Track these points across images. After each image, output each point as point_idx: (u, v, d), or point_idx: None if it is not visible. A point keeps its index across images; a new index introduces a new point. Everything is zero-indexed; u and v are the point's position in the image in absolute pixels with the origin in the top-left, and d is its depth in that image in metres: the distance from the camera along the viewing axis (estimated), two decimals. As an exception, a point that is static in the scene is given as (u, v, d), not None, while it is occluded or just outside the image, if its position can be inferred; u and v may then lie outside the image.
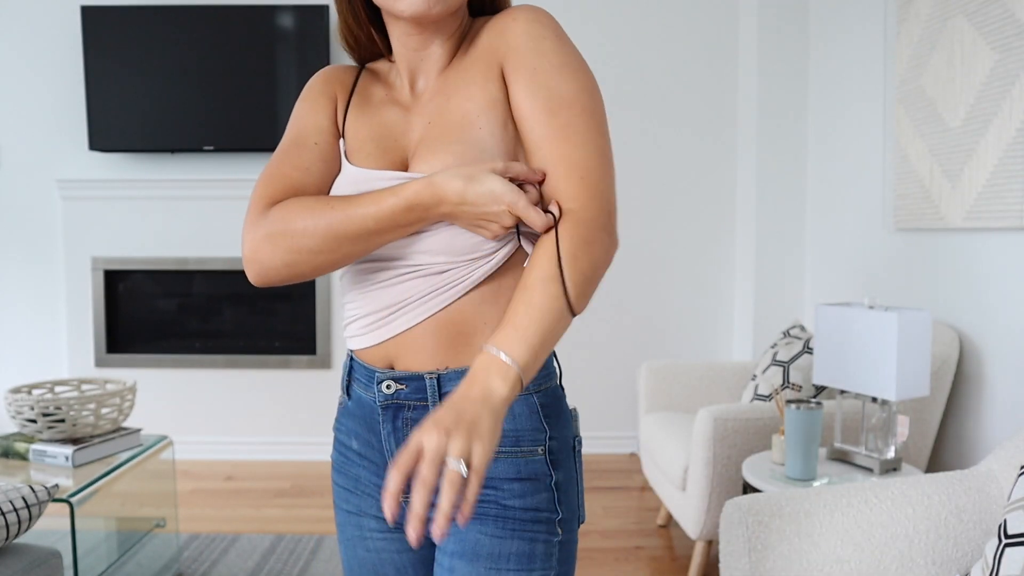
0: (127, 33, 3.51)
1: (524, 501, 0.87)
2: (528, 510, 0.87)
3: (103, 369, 3.70)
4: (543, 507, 0.88)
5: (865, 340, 1.91)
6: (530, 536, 0.87)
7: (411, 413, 0.89)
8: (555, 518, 0.89)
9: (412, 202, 0.80)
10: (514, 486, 0.87)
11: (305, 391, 3.72)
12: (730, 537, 1.39)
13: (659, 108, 3.65)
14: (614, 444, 3.77)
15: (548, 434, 0.89)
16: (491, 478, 0.87)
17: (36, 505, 1.58)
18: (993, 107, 2.10)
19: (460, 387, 0.74)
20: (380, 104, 0.94)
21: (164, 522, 2.44)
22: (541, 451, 0.88)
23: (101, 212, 3.65)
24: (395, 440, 0.91)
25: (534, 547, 0.87)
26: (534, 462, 0.88)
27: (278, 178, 0.88)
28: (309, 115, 0.94)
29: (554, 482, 0.89)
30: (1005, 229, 2.09)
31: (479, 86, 0.86)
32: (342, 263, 0.86)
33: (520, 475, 0.88)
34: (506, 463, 0.87)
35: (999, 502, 1.43)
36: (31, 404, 2.03)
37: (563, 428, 0.91)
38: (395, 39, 0.91)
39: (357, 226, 0.81)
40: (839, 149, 3.10)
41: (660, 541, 2.69)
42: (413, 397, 0.88)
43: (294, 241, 0.83)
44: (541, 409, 0.89)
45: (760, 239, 3.45)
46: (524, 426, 0.88)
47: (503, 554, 0.87)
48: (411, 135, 0.90)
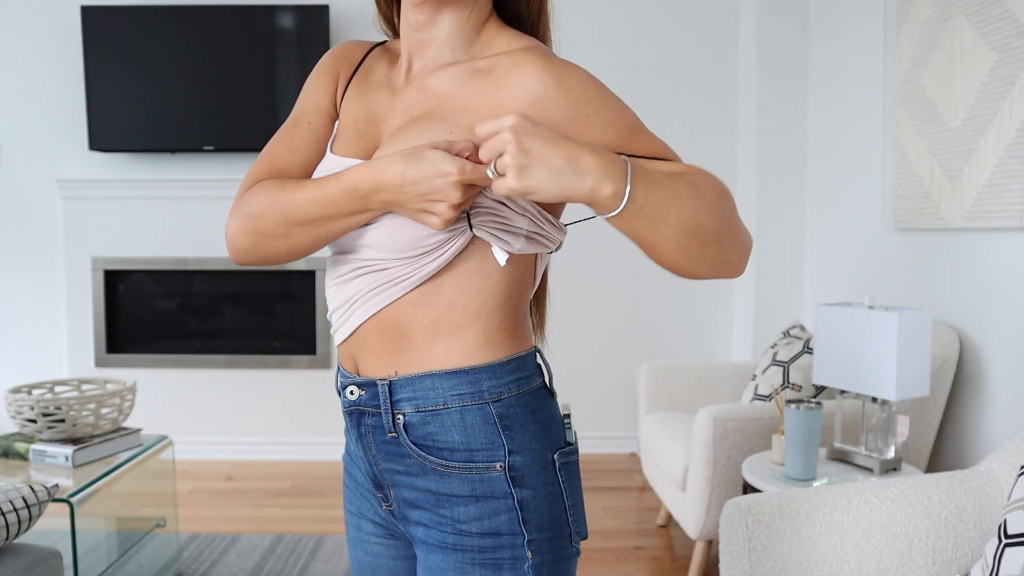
0: (127, 33, 3.51)
1: (481, 525, 0.81)
2: (486, 535, 0.81)
3: (103, 369, 3.70)
4: (503, 530, 0.81)
5: (865, 340, 1.91)
6: (492, 563, 0.81)
7: (370, 420, 0.86)
8: (520, 541, 0.81)
9: (351, 186, 0.76)
10: (470, 508, 0.81)
11: (305, 391, 3.72)
12: (730, 537, 1.39)
13: (659, 108, 3.65)
14: (614, 444, 3.77)
15: (507, 448, 0.81)
16: (447, 495, 0.82)
17: (36, 505, 1.58)
18: (993, 107, 2.10)
19: (578, 141, 0.69)
20: (375, 85, 0.90)
21: (164, 522, 2.44)
22: (500, 467, 0.81)
23: (101, 212, 3.65)
24: (362, 447, 0.88)
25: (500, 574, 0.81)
26: (491, 480, 0.81)
27: (267, 158, 0.87)
28: (310, 92, 0.91)
29: (517, 501, 0.81)
30: (1005, 229, 2.09)
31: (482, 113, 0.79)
32: (302, 250, 0.82)
33: (475, 493, 0.81)
34: (460, 480, 0.82)
35: (999, 502, 1.43)
36: (31, 404, 2.03)
37: (533, 441, 0.83)
38: (402, 16, 0.87)
39: (303, 211, 0.79)
40: (839, 149, 3.10)
41: (660, 541, 2.69)
42: (370, 404, 0.85)
43: (253, 223, 0.82)
44: (499, 420, 0.82)
45: (760, 239, 3.45)
46: (478, 440, 0.81)
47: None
48: (389, 122, 0.86)
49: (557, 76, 0.78)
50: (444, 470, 0.82)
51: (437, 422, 0.82)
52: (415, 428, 0.83)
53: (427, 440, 0.82)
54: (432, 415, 0.82)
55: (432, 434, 0.82)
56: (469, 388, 0.82)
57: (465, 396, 0.81)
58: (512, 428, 0.82)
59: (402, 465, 0.85)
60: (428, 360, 0.82)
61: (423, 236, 0.77)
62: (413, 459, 0.83)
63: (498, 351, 0.83)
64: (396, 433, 0.84)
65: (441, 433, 0.82)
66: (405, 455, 0.84)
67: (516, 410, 0.83)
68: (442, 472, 0.82)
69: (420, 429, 0.82)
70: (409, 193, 0.73)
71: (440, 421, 0.82)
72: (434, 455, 0.82)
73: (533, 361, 0.87)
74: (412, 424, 0.83)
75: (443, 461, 0.82)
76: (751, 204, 3.49)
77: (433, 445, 0.82)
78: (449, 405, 0.81)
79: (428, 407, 0.82)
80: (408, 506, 0.86)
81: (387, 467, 0.86)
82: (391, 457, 0.85)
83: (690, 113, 3.67)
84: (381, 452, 0.86)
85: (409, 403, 0.82)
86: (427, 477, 0.83)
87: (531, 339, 0.89)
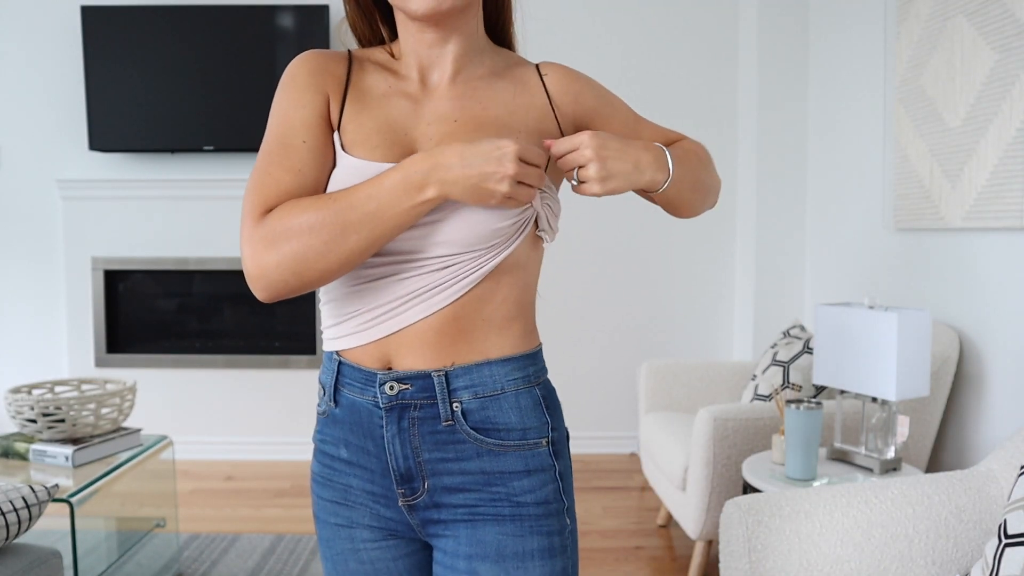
0: (127, 33, 3.51)
1: (535, 495, 0.90)
2: (540, 504, 0.90)
3: (103, 369, 3.70)
4: (552, 499, 0.91)
5: (865, 340, 1.91)
6: (547, 530, 0.90)
7: (417, 412, 0.88)
8: (563, 508, 0.92)
9: (407, 173, 0.79)
10: (524, 481, 0.90)
11: (305, 391, 3.72)
12: (730, 537, 1.39)
13: (659, 108, 3.65)
14: (614, 444, 3.77)
15: (551, 425, 0.92)
16: (500, 473, 0.89)
17: (36, 505, 1.58)
18: (993, 107, 2.10)
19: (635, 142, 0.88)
20: (384, 96, 0.90)
21: (164, 522, 2.44)
22: (545, 443, 0.91)
23: (101, 212, 3.65)
24: (399, 442, 0.89)
25: (552, 540, 0.90)
26: (539, 454, 0.91)
27: (270, 184, 0.83)
28: (294, 110, 0.87)
29: (558, 472, 0.92)
30: (1005, 229, 2.09)
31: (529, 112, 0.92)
32: (351, 260, 0.80)
33: (528, 468, 0.90)
34: (515, 457, 0.90)
35: (999, 502, 1.43)
36: (31, 404, 2.03)
37: (560, 419, 0.95)
38: (408, 34, 0.90)
39: (360, 211, 0.78)
40: (839, 149, 3.10)
41: (660, 541, 2.69)
42: (420, 396, 0.88)
43: (299, 241, 0.78)
44: (543, 401, 0.93)
45: (760, 239, 3.45)
46: (531, 420, 0.91)
47: (527, 552, 0.89)
48: (423, 128, 0.88)
49: (579, 75, 0.98)
50: (499, 450, 0.89)
51: (495, 406, 0.89)
52: (473, 414, 0.89)
53: (485, 424, 0.89)
54: (491, 400, 0.89)
55: (490, 418, 0.89)
56: (520, 373, 0.91)
57: (519, 380, 0.91)
58: (551, 408, 0.94)
59: (452, 452, 0.89)
60: (484, 350, 0.89)
61: (497, 226, 0.84)
62: (468, 444, 0.89)
63: (533, 340, 0.94)
64: (452, 421, 0.88)
65: (499, 416, 0.89)
66: (459, 441, 0.89)
67: (550, 392, 0.95)
68: (497, 452, 0.89)
69: (479, 414, 0.89)
70: (468, 168, 0.78)
71: (498, 405, 0.89)
72: (491, 437, 0.89)
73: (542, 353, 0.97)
74: (470, 410, 0.88)
75: (499, 441, 0.89)
76: (751, 204, 3.49)
77: (492, 428, 0.89)
78: (506, 390, 0.90)
79: (487, 393, 0.89)
80: (447, 492, 0.90)
81: (431, 457, 0.89)
82: (439, 446, 0.89)
83: (690, 114, 3.67)
84: (427, 443, 0.89)
85: (467, 391, 0.88)
86: (480, 459, 0.89)
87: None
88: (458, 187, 0.79)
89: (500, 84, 0.92)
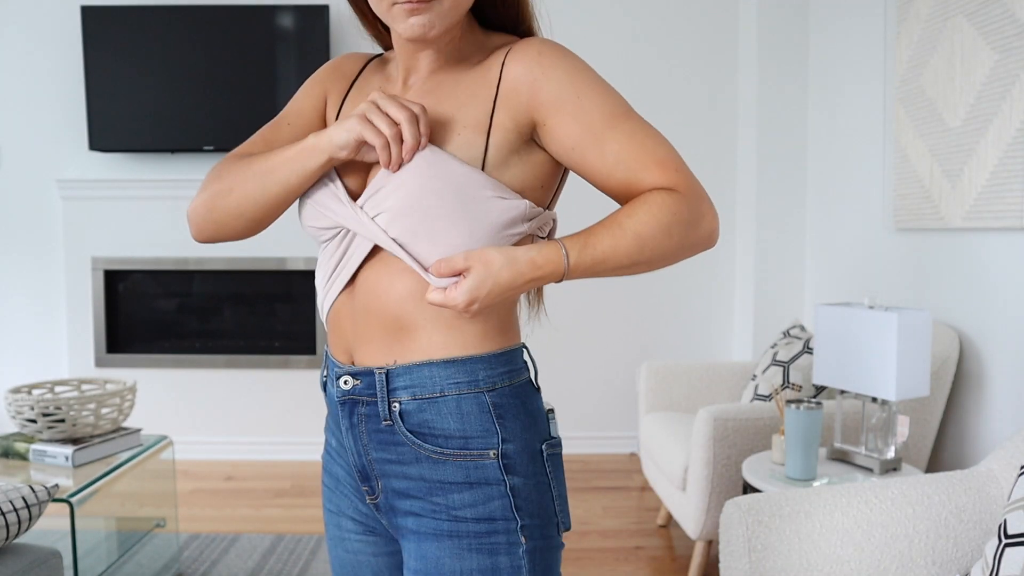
0: (127, 33, 3.51)
1: (476, 511, 0.84)
2: (481, 520, 0.84)
3: (103, 369, 3.70)
4: (497, 515, 0.84)
5: (865, 340, 1.91)
6: (488, 548, 0.84)
7: (364, 409, 0.88)
8: (513, 526, 0.85)
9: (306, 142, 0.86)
10: (464, 495, 0.84)
11: (305, 391, 3.72)
12: (730, 537, 1.39)
13: (659, 108, 3.65)
14: (614, 444, 3.77)
15: (500, 436, 0.85)
16: (440, 483, 0.85)
17: (36, 505, 1.58)
18: (993, 107, 2.10)
19: (519, 265, 0.81)
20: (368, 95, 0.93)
21: (164, 522, 2.44)
22: (493, 455, 0.85)
23: (101, 212, 3.65)
24: (353, 436, 0.90)
25: (496, 560, 0.84)
26: (484, 467, 0.84)
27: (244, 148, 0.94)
28: (298, 99, 0.98)
29: (509, 488, 0.85)
30: (1005, 229, 2.09)
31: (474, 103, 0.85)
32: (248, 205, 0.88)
33: (469, 480, 0.84)
34: (454, 467, 0.85)
35: (999, 502, 1.43)
36: (31, 404, 2.03)
37: (524, 430, 0.87)
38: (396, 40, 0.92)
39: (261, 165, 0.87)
40: (839, 149, 3.10)
41: (660, 541, 2.69)
42: (365, 393, 0.87)
43: (215, 186, 0.90)
44: (493, 409, 0.85)
45: (760, 239, 3.45)
46: (473, 427, 0.85)
47: (465, 571, 0.84)
48: None
49: (552, 58, 0.84)
50: (438, 457, 0.85)
51: (434, 410, 0.85)
52: (411, 416, 0.85)
53: (423, 427, 0.85)
54: (429, 403, 0.85)
55: (428, 421, 0.85)
56: (466, 377, 0.85)
57: (462, 384, 0.85)
58: (505, 417, 0.86)
59: (394, 454, 0.87)
60: (427, 349, 0.85)
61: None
62: (407, 447, 0.86)
63: (493, 343, 0.87)
64: (391, 421, 0.86)
65: (437, 420, 0.85)
66: (399, 443, 0.86)
67: (509, 400, 0.87)
68: (436, 460, 0.85)
69: (416, 416, 0.85)
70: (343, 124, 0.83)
71: (437, 409, 0.85)
72: (429, 442, 0.85)
73: (521, 356, 0.91)
74: (408, 412, 0.85)
75: (438, 448, 0.85)
76: (751, 204, 3.49)
77: (429, 432, 0.85)
78: (446, 393, 0.85)
79: (425, 395, 0.85)
80: (398, 496, 0.88)
81: (377, 457, 0.88)
82: (383, 446, 0.87)
83: (690, 114, 3.67)
84: (373, 441, 0.88)
85: (406, 391, 0.85)
86: (420, 465, 0.86)
87: (520, 335, 0.93)
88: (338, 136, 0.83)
89: (467, 76, 0.88)
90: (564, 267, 0.82)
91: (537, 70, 0.84)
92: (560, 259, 0.81)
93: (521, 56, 0.85)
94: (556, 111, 0.83)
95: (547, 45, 0.86)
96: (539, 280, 0.82)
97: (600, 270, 0.82)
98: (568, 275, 0.82)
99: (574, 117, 0.83)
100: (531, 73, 0.84)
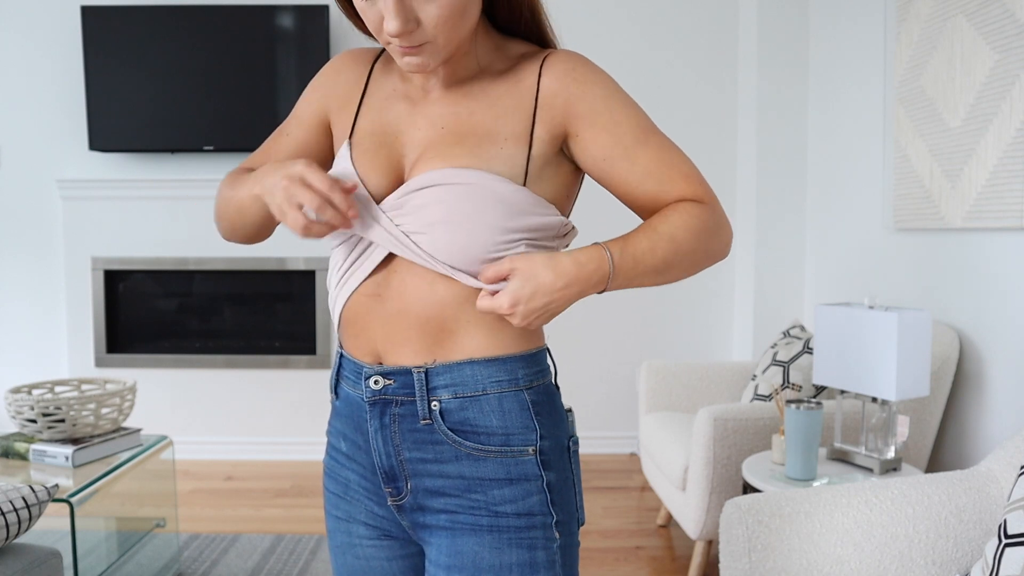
0: (127, 33, 3.51)
1: (516, 506, 0.86)
2: (521, 515, 0.86)
3: (103, 369, 3.70)
4: (536, 511, 0.86)
5: (865, 340, 1.91)
6: (528, 543, 0.86)
7: (399, 409, 0.87)
8: (550, 521, 0.87)
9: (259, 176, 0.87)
10: (504, 491, 0.86)
11: (305, 391, 3.72)
12: (730, 537, 1.39)
13: (659, 108, 3.65)
14: (614, 444, 3.77)
15: (539, 433, 0.87)
16: (480, 479, 0.86)
17: (36, 505, 1.58)
18: (993, 107, 2.10)
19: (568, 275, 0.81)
20: (387, 98, 0.92)
21: (164, 522, 2.44)
22: (532, 451, 0.87)
23: (101, 212, 3.65)
24: (382, 439, 0.88)
25: (534, 554, 0.86)
26: (524, 463, 0.86)
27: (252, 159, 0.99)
28: (299, 106, 0.98)
29: (546, 483, 0.87)
30: (1005, 229, 2.09)
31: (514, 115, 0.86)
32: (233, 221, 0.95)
33: (510, 476, 0.86)
34: (495, 464, 0.86)
35: (999, 502, 1.43)
36: (31, 404, 2.03)
37: (555, 427, 0.90)
38: None
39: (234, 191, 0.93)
40: (839, 149, 3.10)
41: (660, 541, 2.69)
42: (401, 392, 0.87)
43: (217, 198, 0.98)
44: (532, 407, 0.88)
45: (760, 239, 3.45)
46: (514, 424, 0.86)
47: (505, 565, 0.85)
48: (413, 133, 0.89)
49: (586, 73, 0.87)
50: (479, 454, 0.86)
51: (475, 407, 0.86)
52: (452, 414, 0.86)
53: (464, 425, 0.86)
54: (471, 401, 0.86)
55: (469, 419, 0.86)
56: (506, 375, 0.87)
57: (503, 383, 0.86)
58: (542, 414, 0.88)
59: (430, 453, 0.87)
60: (468, 349, 0.86)
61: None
62: (446, 445, 0.86)
63: (527, 343, 0.89)
64: (430, 420, 0.86)
65: (479, 418, 0.86)
66: (437, 442, 0.86)
67: (543, 398, 0.89)
68: (476, 457, 0.86)
69: (457, 415, 0.86)
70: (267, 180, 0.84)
71: (479, 407, 0.86)
72: (470, 440, 0.86)
73: (546, 356, 0.93)
74: (449, 410, 0.86)
75: (479, 445, 0.86)
76: (751, 204, 3.49)
77: (470, 430, 0.86)
78: (488, 391, 0.86)
79: (467, 393, 0.86)
80: (429, 495, 0.88)
81: (410, 456, 0.88)
82: (418, 445, 0.87)
83: (690, 115, 3.67)
84: (407, 441, 0.87)
85: (446, 390, 0.86)
86: (460, 463, 0.86)
87: (544, 337, 0.95)
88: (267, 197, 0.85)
89: (496, 85, 0.88)
90: (609, 265, 0.82)
91: (572, 84, 0.86)
92: (603, 257, 0.82)
93: (556, 70, 0.87)
94: (591, 124, 0.86)
95: (580, 59, 0.88)
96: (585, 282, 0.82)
97: (639, 272, 0.84)
98: (613, 276, 0.83)
99: (607, 130, 0.86)
100: (567, 87, 0.86)
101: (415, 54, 0.81)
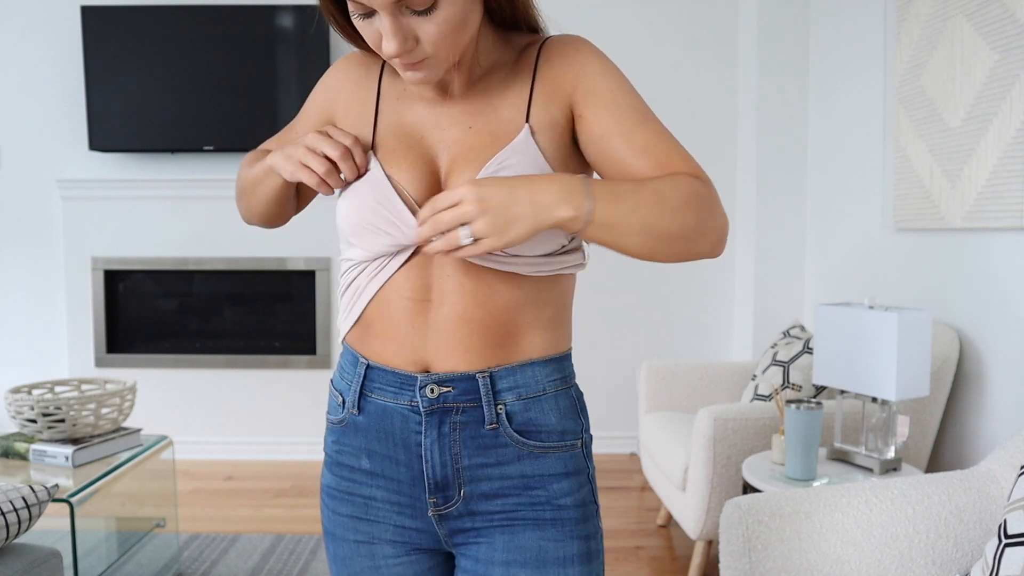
0: (127, 33, 3.51)
1: (574, 498, 0.89)
2: (579, 507, 0.89)
3: (103, 369, 3.70)
4: (588, 501, 0.91)
5: (865, 340, 1.91)
6: (585, 534, 0.89)
7: (460, 417, 0.85)
8: (596, 510, 0.92)
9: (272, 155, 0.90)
10: (564, 484, 0.89)
11: (305, 391, 3.72)
12: (730, 537, 1.39)
13: (659, 108, 3.65)
14: (614, 444, 3.77)
15: (583, 427, 0.92)
16: (540, 476, 0.88)
17: (36, 505, 1.58)
18: (993, 107, 2.10)
19: (533, 177, 0.77)
20: (403, 99, 0.91)
21: (164, 522, 2.44)
22: (579, 445, 0.91)
23: (101, 212, 3.65)
24: (438, 448, 0.86)
25: (589, 544, 0.89)
26: (576, 456, 0.90)
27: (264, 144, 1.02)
28: (310, 107, 0.99)
29: (590, 475, 0.92)
30: (1005, 229, 2.09)
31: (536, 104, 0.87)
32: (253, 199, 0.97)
33: (567, 470, 0.89)
34: (555, 459, 0.89)
35: (999, 502, 1.43)
36: (31, 404, 2.03)
37: (587, 422, 0.95)
38: None
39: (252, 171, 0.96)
40: (839, 149, 3.10)
41: (660, 541, 2.69)
42: (463, 399, 0.85)
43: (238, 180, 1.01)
44: (577, 403, 0.92)
45: (760, 239, 3.45)
46: (569, 421, 0.90)
47: (567, 557, 0.88)
48: (439, 133, 0.88)
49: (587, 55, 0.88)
50: (540, 452, 0.88)
51: (537, 408, 0.88)
52: (517, 416, 0.87)
53: (528, 426, 0.88)
54: (533, 401, 0.88)
55: (533, 419, 0.88)
56: (559, 374, 0.90)
57: (557, 381, 0.90)
58: (583, 410, 0.93)
59: (493, 457, 0.87)
60: (527, 350, 0.88)
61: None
62: (510, 448, 0.87)
63: (568, 342, 0.93)
64: (496, 424, 0.86)
65: (540, 417, 0.88)
66: (501, 445, 0.87)
67: (580, 393, 0.94)
68: (538, 455, 0.88)
69: (522, 416, 0.87)
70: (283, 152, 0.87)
71: (540, 406, 0.88)
72: (533, 439, 0.88)
73: None
74: (513, 412, 0.87)
75: (540, 444, 0.88)
76: (751, 204, 3.49)
77: (534, 430, 0.88)
78: (547, 391, 0.88)
79: (529, 394, 0.87)
80: (484, 499, 0.88)
81: (471, 463, 0.87)
82: (481, 451, 0.87)
83: (690, 114, 3.67)
84: (469, 448, 0.86)
85: (510, 392, 0.87)
86: (521, 463, 0.88)
87: None
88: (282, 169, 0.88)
89: (511, 80, 0.88)
90: (581, 182, 0.76)
91: (577, 65, 0.87)
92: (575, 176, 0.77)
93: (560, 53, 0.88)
94: (593, 102, 0.86)
95: (582, 41, 0.89)
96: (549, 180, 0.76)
97: (620, 211, 0.76)
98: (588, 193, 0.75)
99: (607, 108, 0.85)
100: (572, 68, 0.87)
101: (416, 69, 0.81)
